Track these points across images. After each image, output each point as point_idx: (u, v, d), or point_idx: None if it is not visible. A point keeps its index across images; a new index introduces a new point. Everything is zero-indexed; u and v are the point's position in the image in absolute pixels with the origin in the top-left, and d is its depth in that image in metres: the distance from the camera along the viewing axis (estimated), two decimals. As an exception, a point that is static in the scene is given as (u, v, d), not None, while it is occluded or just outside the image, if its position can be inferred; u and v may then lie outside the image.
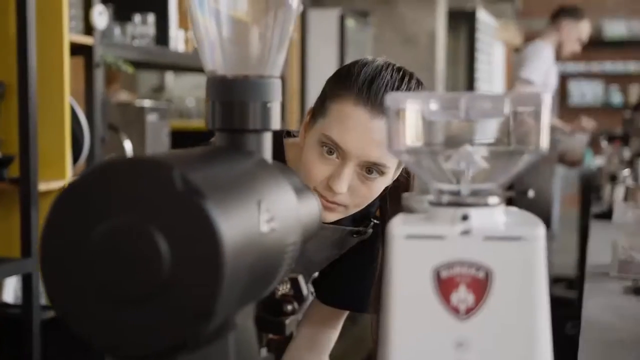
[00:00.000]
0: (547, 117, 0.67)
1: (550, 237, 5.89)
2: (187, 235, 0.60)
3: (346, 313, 1.58)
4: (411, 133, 0.71)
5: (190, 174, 0.61)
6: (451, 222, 0.68)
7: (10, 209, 2.45)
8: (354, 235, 1.45)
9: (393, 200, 1.40)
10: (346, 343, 3.09)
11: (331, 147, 1.27)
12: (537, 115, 0.68)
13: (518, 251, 0.66)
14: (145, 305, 0.61)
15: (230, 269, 0.61)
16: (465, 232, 0.67)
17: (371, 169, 1.28)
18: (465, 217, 0.68)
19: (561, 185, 6.32)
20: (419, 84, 1.32)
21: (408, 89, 1.28)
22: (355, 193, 1.29)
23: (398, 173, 1.36)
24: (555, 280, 5.75)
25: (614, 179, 3.18)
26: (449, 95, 0.70)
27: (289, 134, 1.47)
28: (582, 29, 4.73)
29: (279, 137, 1.42)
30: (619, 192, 3.03)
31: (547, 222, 4.80)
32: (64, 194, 0.63)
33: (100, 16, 2.63)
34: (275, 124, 0.82)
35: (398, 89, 1.27)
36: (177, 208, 0.60)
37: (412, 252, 0.67)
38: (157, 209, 0.61)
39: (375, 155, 1.26)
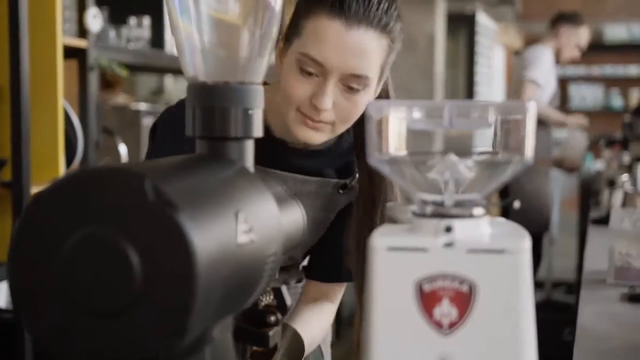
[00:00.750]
0: (532, 126, 0.66)
1: (549, 241, 5.88)
2: (159, 248, 0.58)
3: (344, 285, 1.55)
4: (394, 142, 0.69)
5: (163, 184, 0.60)
6: (434, 234, 0.66)
7: (3, 213, 2.43)
8: (340, 191, 1.43)
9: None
10: (347, 347, 3.07)
11: (310, 65, 1.25)
12: (522, 124, 0.66)
13: (502, 264, 0.64)
14: (117, 319, 0.59)
15: (204, 282, 0.59)
16: (449, 245, 0.65)
17: (353, 84, 1.25)
18: (448, 229, 0.66)
19: (560, 189, 6.30)
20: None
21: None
22: (340, 109, 1.27)
23: (380, 88, 1.34)
24: (554, 285, 5.73)
25: (612, 184, 3.16)
26: (433, 104, 0.68)
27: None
28: (580, 35, 4.72)
29: None
30: (618, 197, 3.01)
31: (545, 226, 4.78)
32: (34, 204, 0.61)
33: (95, 19, 2.62)
34: (258, 131, 0.80)
35: None
36: (149, 220, 0.58)
37: (394, 265, 0.65)
38: (128, 220, 0.59)
39: (355, 66, 1.24)
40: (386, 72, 1.33)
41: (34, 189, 2.40)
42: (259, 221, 0.70)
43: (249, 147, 0.80)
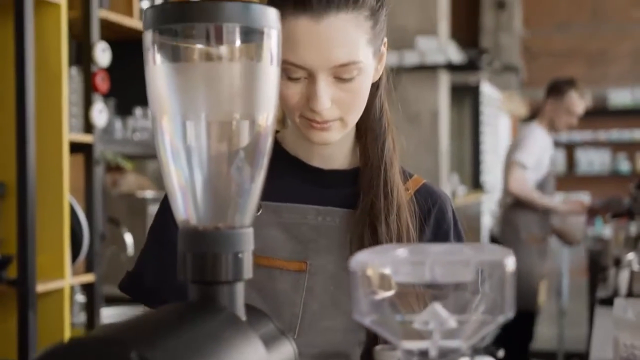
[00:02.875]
0: (512, 279, 0.67)
1: (560, 313, 5.83)
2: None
3: None
4: (378, 294, 0.70)
5: (148, 351, 0.61)
6: (419, 388, 0.67)
7: (8, 311, 2.44)
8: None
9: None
10: None
11: (293, 71, 1.18)
12: (503, 277, 0.67)
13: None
14: None
15: None
16: (433, 400, 0.66)
17: (344, 74, 1.18)
18: (433, 383, 0.67)
19: (568, 258, 6.27)
20: None
21: None
22: (341, 103, 1.20)
23: (382, 66, 1.28)
24: (567, 357, 5.66)
25: (618, 263, 3.15)
26: (416, 258, 0.69)
27: None
28: (568, 102, 4.71)
29: None
30: (624, 276, 3.00)
31: (532, 305, 4.76)
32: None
33: (100, 114, 2.66)
34: (248, 273, 0.82)
35: None
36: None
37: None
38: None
39: (338, 57, 1.16)
40: (379, 40, 1.25)
41: (40, 286, 2.41)
42: (247, 372, 0.71)
43: (240, 289, 0.81)
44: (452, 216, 1.36)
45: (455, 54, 5.77)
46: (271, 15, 0.80)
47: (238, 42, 0.78)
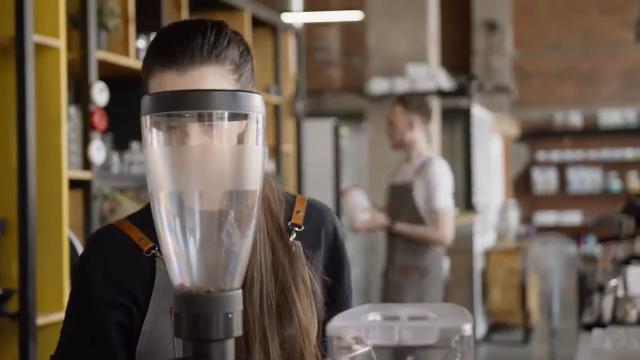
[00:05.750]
0: (470, 345, 0.76)
1: (551, 333, 5.91)
2: None
3: None
4: (352, 355, 0.79)
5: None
6: None
7: (9, 343, 2.52)
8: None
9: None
10: None
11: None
12: (461, 341, 0.76)
13: None
14: None
15: None
16: None
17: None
18: None
19: (560, 278, 6.36)
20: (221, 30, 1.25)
21: (204, 35, 1.24)
22: None
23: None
24: (560, 376, 5.74)
25: (602, 289, 3.23)
26: (385, 324, 0.78)
27: None
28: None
29: None
30: (608, 302, 3.08)
31: None
32: None
33: (98, 151, 2.75)
34: (237, 330, 0.91)
35: (194, 36, 1.23)
36: None
37: None
38: None
39: None
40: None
41: (40, 319, 2.49)
42: None
43: (230, 346, 0.90)
44: (341, 231, 1.42)
45: (445, 81, 5.88)
46: (256, 101, 0.90)
47: (227, 126, 0.88)
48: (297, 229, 1.34)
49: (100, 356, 1.27)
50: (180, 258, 0.91)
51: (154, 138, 0.89)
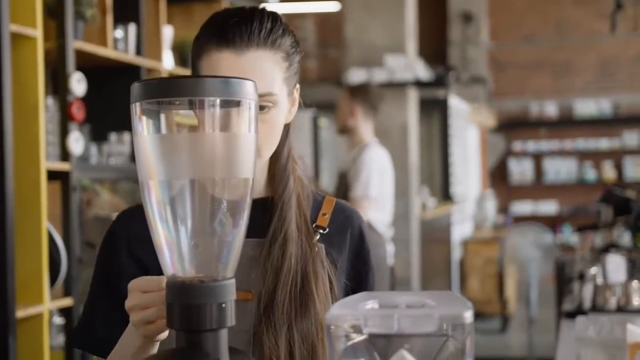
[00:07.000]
0: (471, 333, 0.75)
1: (529, 321, 5.95)
2: None
3: None
4: (350, 343, 0.78)
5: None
6: None
7: (-12, 337, 2.48)
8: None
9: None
10: None
11: None
12: (462, 330, 0.75)
13: None
14: None
15: None
16: None
17: (260, 103, 1.23)
18: None
19: (538, 267, 6.39)
20: (276, 20, 1.31)
21: (261, 21, 1.29)
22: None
23: (294, 110, 1.35)
24: (538, 363, 5.78)
25: (582, 277, 3.25)
26: (385, 312, 0.77)
27: None
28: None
29: None
30: (588, 290, 3.09)
31: None
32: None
33: (77, 142, 2.72)
34: (231, 320, 0.89)
35: (251, 21, 1.28)
36: None
37: None
38: None
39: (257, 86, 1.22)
40: (293, 83, 1.33)
41: (19, 312, 2.46)
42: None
43: (223, 336, 0.89)
44: (367, 235, 1.42)
45: (423, 71, 5.88)
46: (248, 87, 0.88)
47: (218, 113, 0.86)
48: (321, 231, 1.34)
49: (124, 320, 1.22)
50: (172, 248, 0.89)
51: (143, 126, 0.88)
